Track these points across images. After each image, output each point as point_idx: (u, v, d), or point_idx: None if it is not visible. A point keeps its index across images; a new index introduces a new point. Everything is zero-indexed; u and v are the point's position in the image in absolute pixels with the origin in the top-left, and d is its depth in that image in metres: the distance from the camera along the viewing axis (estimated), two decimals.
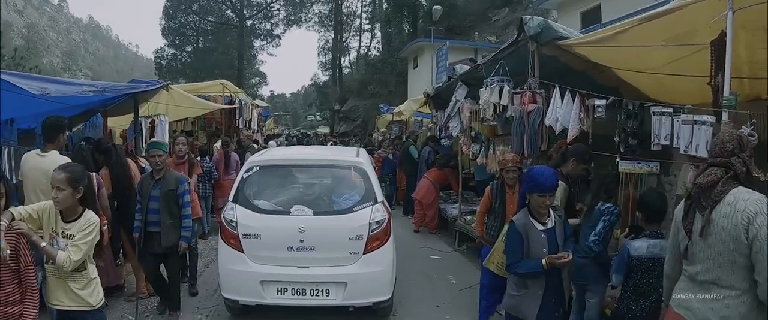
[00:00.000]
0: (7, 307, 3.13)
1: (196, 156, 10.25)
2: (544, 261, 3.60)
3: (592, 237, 4.34)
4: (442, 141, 10.79)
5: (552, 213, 3.87)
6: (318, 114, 58.93)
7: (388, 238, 5.50)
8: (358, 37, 50.94)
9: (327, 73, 53.68)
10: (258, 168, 5.87)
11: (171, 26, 46.83)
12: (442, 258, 8.63)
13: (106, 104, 7.73)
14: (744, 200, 2.58)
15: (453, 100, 8.21)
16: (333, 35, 49.42)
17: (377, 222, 5.36)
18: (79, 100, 6.44)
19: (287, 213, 5.35)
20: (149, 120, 9.17)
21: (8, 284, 3.15)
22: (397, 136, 16.55)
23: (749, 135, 3.18)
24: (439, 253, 8.91)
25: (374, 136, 22.56)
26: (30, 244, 3.29)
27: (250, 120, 14.96)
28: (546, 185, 3.68)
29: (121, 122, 9.54)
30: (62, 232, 3.47)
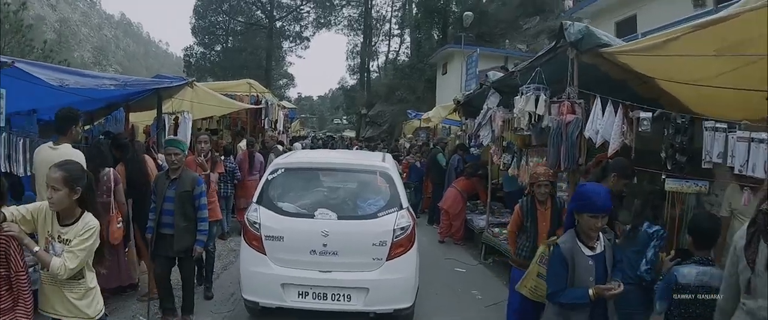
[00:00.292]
0: None
1: (220, 154, 10.19)
2: (592, 291, 3.26)
3: (645, 266, 4.01)
4: (472, 149, 10.49)
5: (601, 237, 3.50)
6: (344, 117, 58.99)
7: (412, 245, 5.40)
8: (386, 42, 51.00)
9: (355, 76, 53.84)
10: (283, 170, 5.82)
11: (201, 25, 47.25)
12: (467, 271, 8.33)
13: (128, 99, 7.61)
14: None
15: (485, 107, 7.94)
16: (362, 39, 49.48)
17: (402, 229, 5.28)
18: (100, 93, 6.31)
19: (311, 216, 5.31)
20: (173, 117, 9.07)
21: None
22: (424, 143, 16.25)
23: None
24: (464, 266, 8.61)
25: (401, 142, 22.34)
26: (22, 248, 3.02)
27: (276, 121, 14.82)
28: (599, 205, 3.28)
29: (144, 118, 9.47)
30: (58, 236, 3.16)
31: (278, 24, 48.28)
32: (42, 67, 5.07)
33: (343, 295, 5.20)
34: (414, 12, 40.11)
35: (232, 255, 8.83)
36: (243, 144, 11.05)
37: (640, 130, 4.69)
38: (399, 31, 48.68)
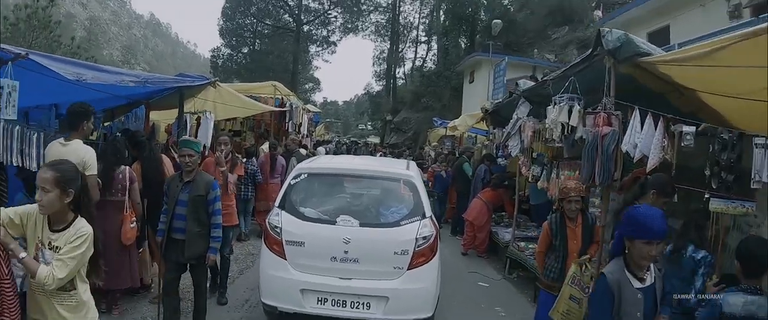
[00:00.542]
0: None
1: (242, 156, 10.08)
2: None
3: (696, 297, 3.71)
4: (499, 160, 10.18)
5: (652, 267, 3.11)
6: (369, 123, 59.01)
7: (434, 255, 5.32)
8: (413, 49, 50.76)
9: (380, 82, 53.74)
10: (306, 175, 5.82)
11: (229, 27, 47.42)
12: (490, 286, 8.05)
13: (150, 96, 7.52)
14: None
15: (514, 116, 7.67)
16: (389, 45, 49.30)
17: (424, 238, 5.21)
18: (120, 90, 6.21)
19: (333, 222, 5.28)
20: (195, 116, 8.96)
21: None
22: (450, 152, 15.95)
23: None
24: (487, 280, 8.34)
25: (426, 150, 22.08)
26: (8, 254, 2.76)
27: (300, 124, 14.68)
28: (655, 230, 2.89)
29: (166, 116, 9.38)
30: (49, 243, 2.85)
31: (306, 28, 48.28)
32: (59, 60, 4.94)
33: (363, 303, 5.13)
34: (442, 19, 39.88)
35: (250, 259, 8.69)
36: (265, 146, 10.91)
37: (682, 145, 4.41)
38: (426, 38, 48.52)
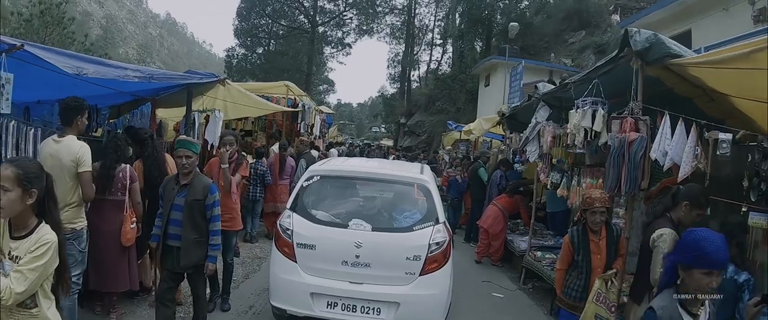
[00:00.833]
0: None
1: (252, 156, 9.92)
2: None
3: None
4: (516, 165, 9.85)
5: (706, 303, 2.68)
6: (383, 126, 58.80)
7: (447, 261, 5.21)
8: (428, 51, 50.54)
9: (395, 85, 53.54)
10: (318, 177, 5.73)
11: (243, 27, 47.33)
12: (505, 297, 7.72)
13: (157, 93, 7.30)
14: None
15: (533, 121, 7.36)
16: (403, 48, 49.07)
17: (437, 244, 5.10)
18: (125, 86, 5.97)
19: (345, 226, 5.20)
20: (204, 114, 8.75)
21: None
22: (464, 156, 15.62)
23: None
24: (502, 290, 8.00)
25: (440, 154, 21.78)
26: None
27: (313, 125, 14.46)
28: (717, 258, 2.52)
29: (175, 114, 9.20)
30: (9, 252, 2.47)
31: (321, 29, 48.12)
32: (59, 53, 4.72)
33: (373, 308, 5.03)
34: (457, 22, 39.56)
35: (257, 263, 8.45)
36: (276, 147, 10.68)
37: (717, 153, 4.08)
38: (441, 41, 48.17)
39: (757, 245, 4.04)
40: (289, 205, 5.55)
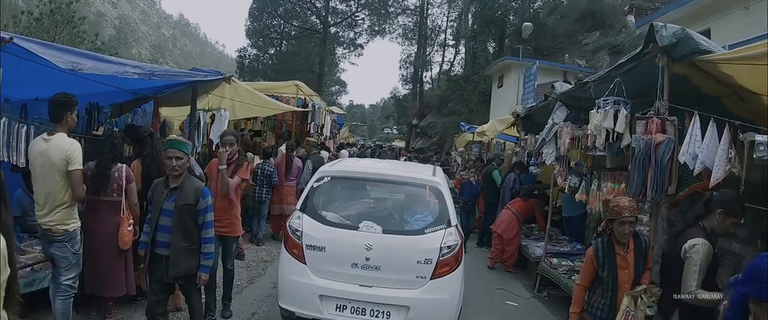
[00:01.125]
0: None
1: (260, 157, 9.79)
2: None
3: None
4: (531, 168, 9.51)
5: None
6: (395, 127, 58.62)
7: (459, 265, 5.12)
8: (441, 52, 50.14)
9: (407, 86, 53.37)
10: (329, 178, 5.66)
11: (255, 27, 47.28)
12: (519, 306, 7.39)
13: (161, 91, 7.11)
14: None
15: (550, 122, 7.04)
16: (416, 49, 48.73)
17: (449, 247, 5.01)
18: (122, 82, 5.79)
19: (355, 228, 5.12)
20: (209, 113, 8.55)
21: None
22: (477, 158, 15.27)
23: None
24: (516, 298, 7.66)
25: (452, 156, 21.47)
26: None
27: (323, 125, 14.21)
28: None
29: (180, 113, 8.99)
30: None
31: (332, 30, 47.93)
32: (53, 47, 4.53)
33: (383, 312, 4.95)
34: (470, 23, 39.23)
35: (262, 267, 8.21)
36: (284, 147, 10.47)
37: (754, 157, 3.76)
38: (454, 42, 47.75)
39: None
40: (298, 206, 5.45)
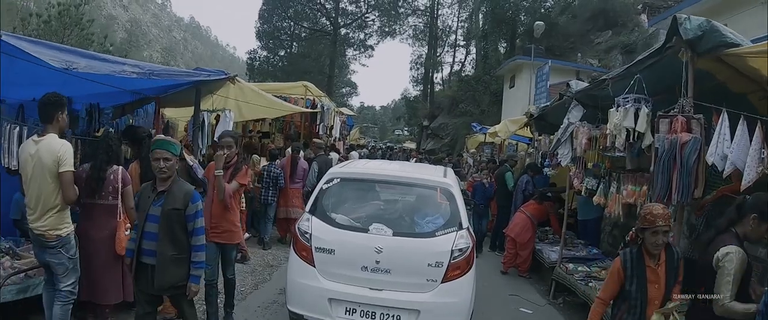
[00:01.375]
0: None
1: (267, 159, 9.64)
2: None
3: None
4: (546, 169, 9.21)
5: None
6: (405, 129, 58.44)
7: (470, 268, 5.01)
8: (451, 53, 49.85)
9: (418, 87, 53.14)
10: (339, 180, 5.56)
11: (265, 29, 47.22)
12: (533, 313, 7.10)
13: (165, 91, 6.92)
14: None
15: (565, 121, 6.77)
16: (426, 49, 48.48)
17: (460, 250, 4.90)
18: (120, 82, 5.60)
19: (365, 230, 5.03)
20: (214, 114, 8.35)
21: None
22: (490, 160, 14.96)
23: None
24: (530, 305, 7.36)
25: (464, 157, 21.18)
26: None
27: (332, 127, 13.98)
28: None
29: (184, 114, 8.87)
30: None
31: (343, 31, 47.75)
32: (47, 46, 4.36)
33: (393, 316, 4.87)
34: (481, 23, 38.93)
35: (268, 272, 7.99)
36: (290, 148, 10.27)
37: None
38: (464, 43, 47.50)
39: None
40: (308, 208, 5.37)
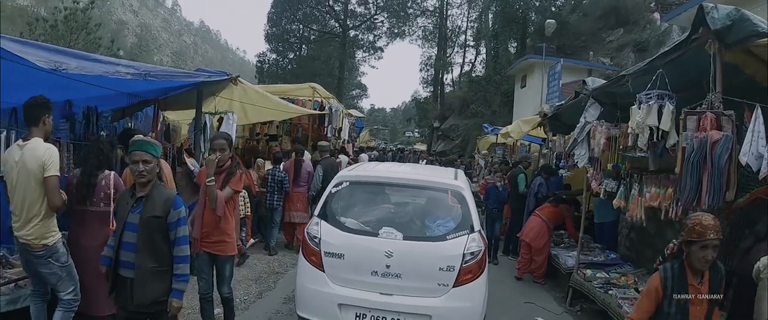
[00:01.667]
0: None
1: (271, 162, 9.47)
2: None
3: None
4: (561, 171, 8.87)
5: None
6: (416, 130, 58.31)
7: (482, 272, 4.94)
8: (461, 54, 49.66)
9: (428, 89, 53.01)
10: (348, 183, 5.53)
11: (274, 32, 47.31)
12: None
13: (166, 93, 6.73)
14: None
15: (582, 120, 6.46)
16: (436, 50, 48.24)
17: (472, 254, 4.84)
18: (115, 84, 5.41)
19: (375, 234, 4.98)
20: (217, 117, 8.13)
21: None
22: (502, 161, 14.59)
23: None
24: (545, 313, 7.01)
25: (476, 159, 20.86)
26: None
27: (340, 129, 13.71)
28: None
29: (186, 116, 8.66)
30: None
31: (352, 33, 47.77)
32: (36, 46, 4.16)
33: None
34: (491, 22, 38.60)
35: (273, 279, 7.72)
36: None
37: None
38: (474, 43, 47.24)
39: None
40: (317, 212, 5.33)
